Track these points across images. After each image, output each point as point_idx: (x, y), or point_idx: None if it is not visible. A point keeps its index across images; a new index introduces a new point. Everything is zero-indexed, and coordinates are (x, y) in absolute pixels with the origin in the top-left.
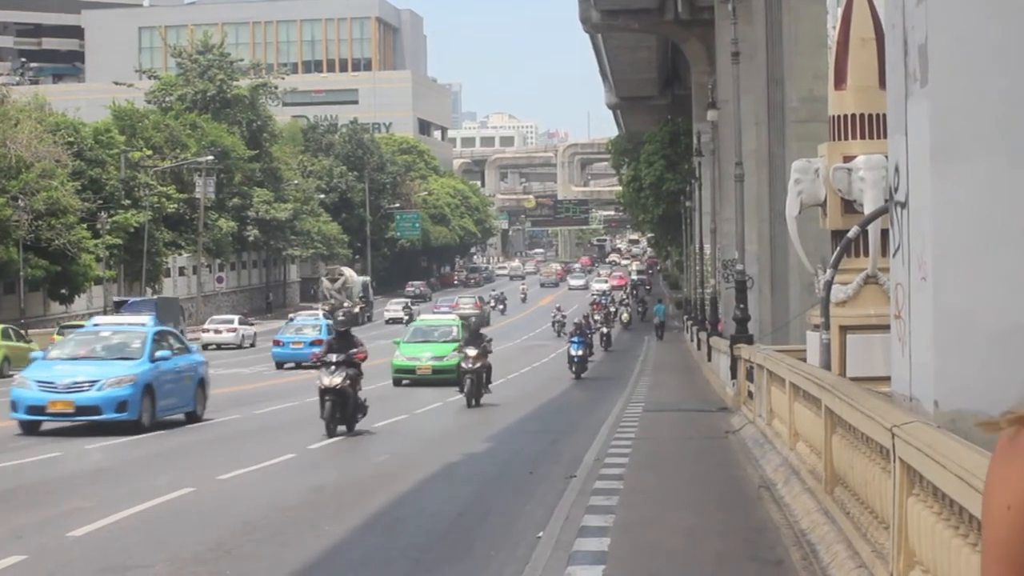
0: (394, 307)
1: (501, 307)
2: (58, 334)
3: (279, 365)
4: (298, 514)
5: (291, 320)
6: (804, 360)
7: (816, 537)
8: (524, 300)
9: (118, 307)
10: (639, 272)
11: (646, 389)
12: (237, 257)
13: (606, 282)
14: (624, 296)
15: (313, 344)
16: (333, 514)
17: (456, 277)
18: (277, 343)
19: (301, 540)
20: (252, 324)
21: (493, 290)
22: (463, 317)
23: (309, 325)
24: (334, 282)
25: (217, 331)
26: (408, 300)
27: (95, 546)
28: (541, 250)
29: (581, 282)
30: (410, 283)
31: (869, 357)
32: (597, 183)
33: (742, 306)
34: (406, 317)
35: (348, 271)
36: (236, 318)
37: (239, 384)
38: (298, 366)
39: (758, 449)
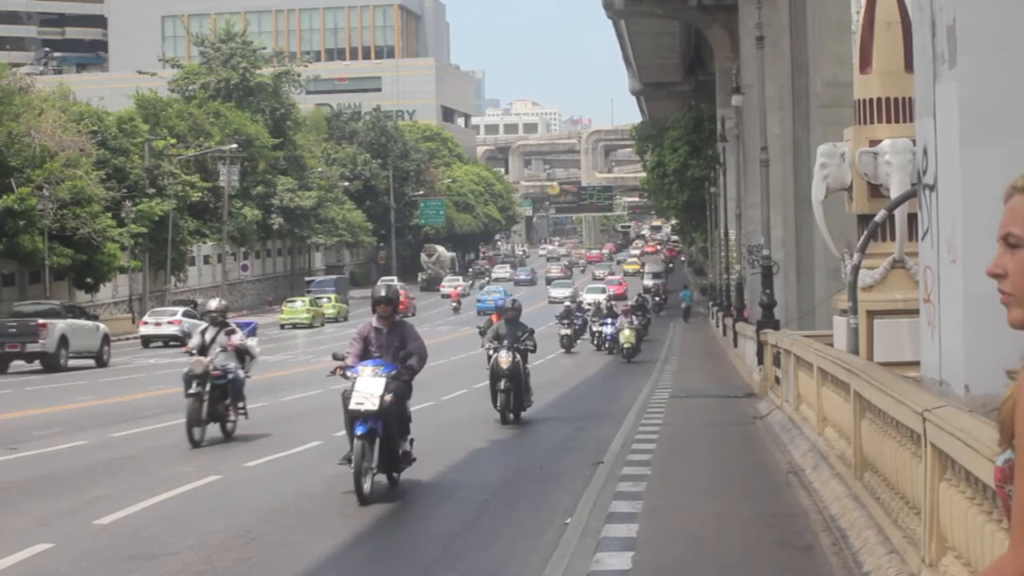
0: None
1: (570, 273)
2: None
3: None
4: (325, 501)
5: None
6: (831, 345)
7: (846, 523)
8: (583, 271)
9: (307, 284)
10: (654, 275)
11: (672, 375)
12: (262, 245)
13: (603, 291)
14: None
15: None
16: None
17: (495, 260)
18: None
19: (328, 527)
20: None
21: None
22: (553, 279)
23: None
24: (430, 256)
25: (158, 324)
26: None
27: (122, 534)
28: (558, 238)
29: (566, 292)
30: (475, 262)
31: (896, 342)
32: (621, 169)
33: (768, 291)
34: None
35: (440, 248)
36: (181, 310)
37: None
38: None
39: (786, 434)
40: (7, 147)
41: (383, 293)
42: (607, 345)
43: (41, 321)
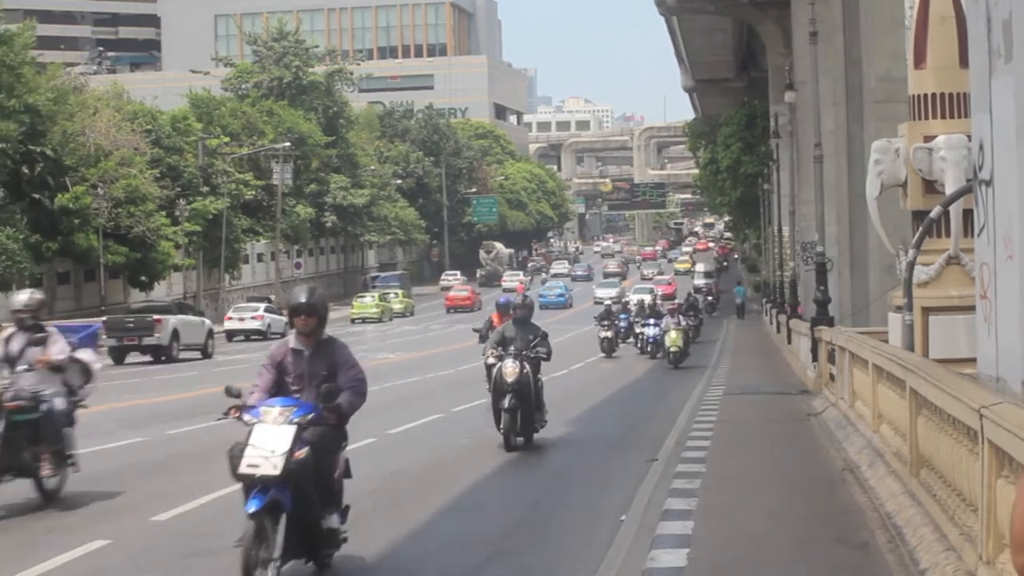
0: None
1: (626, 269)
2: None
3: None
4: (379, 498)
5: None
6: (886, 342)
7: (902, 520)
8: (639, 267)
9: (373, 280)
10: (706, 274)
11: (726, 372)
12: (315, 243)
13: (651, 291)
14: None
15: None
16: (414, 498)
17: (550, 257)
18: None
19: (383, 524)
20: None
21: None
22: (610, 274)
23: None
24: (489, 253)
25: (242, 319)
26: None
27: (179, 530)
28: (611, 235)
29: (612, 292)
30: (531, 259)
31: (952, 338)
32: (674, 166)
33: (823, 288)
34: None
35: (498, 245)
36: (263, 306)
37: None
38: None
39: (841, 431)
40: (62, 146)
41: (302, 299)
42: (650, 348)
43: (156, 317)
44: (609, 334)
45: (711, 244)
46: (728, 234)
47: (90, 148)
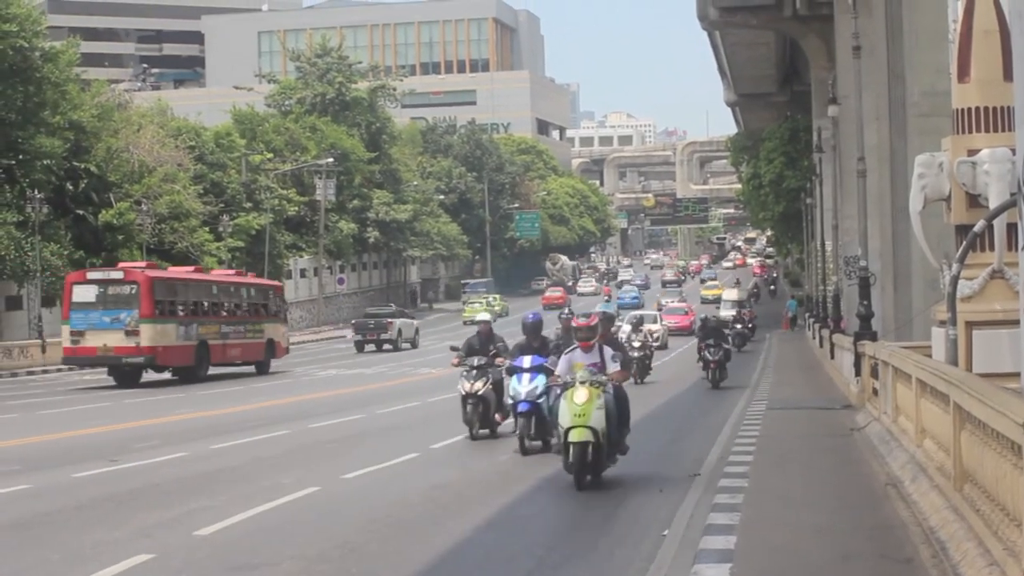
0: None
1: (683, 278)
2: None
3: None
4: (422, 512)
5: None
6: (929, 356)
7: (945, 535)
8: (694, 277)
9: (463, 287)
10: (737, 304)
11: (769, 387)
12: (358, 259)
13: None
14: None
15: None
16: (456, 512)
17: (598, 268)
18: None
19: (425, 538)
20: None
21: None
22: (668, 282)
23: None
24: (554, 264)
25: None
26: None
27: (222, 545)
28: (653, 250)
29: None
30: (584, 271)
31: (996, 353)
32: (716, 181)
33: (866, 302)
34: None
35: (563, 257)
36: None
37: None
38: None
39: (884, 446)
40: (106, 162)
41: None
42: (520, 426)
43: (388, 320)
44: (479, 385)
45: (748, 261)
46: (770, 250)
47: (134, 164)
